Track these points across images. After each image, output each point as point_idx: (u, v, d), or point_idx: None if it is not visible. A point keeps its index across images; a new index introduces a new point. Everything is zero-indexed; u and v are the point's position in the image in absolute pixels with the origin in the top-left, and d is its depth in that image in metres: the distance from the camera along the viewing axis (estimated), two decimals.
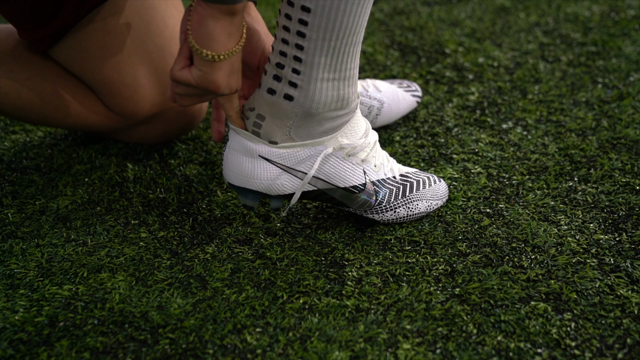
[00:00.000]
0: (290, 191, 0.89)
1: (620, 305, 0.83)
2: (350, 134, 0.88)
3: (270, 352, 0.78)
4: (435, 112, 1.19)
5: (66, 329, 0.82)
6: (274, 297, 0.85)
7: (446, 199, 0.98)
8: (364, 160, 0.90)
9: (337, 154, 0.88)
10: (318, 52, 0.80)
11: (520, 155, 1.08)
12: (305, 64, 0.81)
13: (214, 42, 0.76)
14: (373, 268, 0.89)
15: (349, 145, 0.88)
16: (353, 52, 0.82)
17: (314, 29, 0.79)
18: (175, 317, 0.83)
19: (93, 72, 0.99)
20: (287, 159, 0.87)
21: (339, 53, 0.81)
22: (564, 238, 0.92)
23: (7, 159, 1.11)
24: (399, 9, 1.56)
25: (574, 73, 1.29)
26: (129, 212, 0.99)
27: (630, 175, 1.03)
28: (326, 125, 0.86)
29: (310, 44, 0.80)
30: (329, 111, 0.84)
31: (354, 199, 0.91)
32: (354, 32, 0.80)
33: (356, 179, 0.90)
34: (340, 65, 0.82)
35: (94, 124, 1.05)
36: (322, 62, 0.81)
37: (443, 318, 0.82)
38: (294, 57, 0.81)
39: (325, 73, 0.82)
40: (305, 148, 0.87)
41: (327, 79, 0.82)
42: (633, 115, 1.16)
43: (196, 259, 0.91)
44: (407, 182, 0.94)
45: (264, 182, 0.88)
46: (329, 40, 0.79)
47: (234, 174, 0.88)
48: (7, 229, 0.97)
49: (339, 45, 0.80)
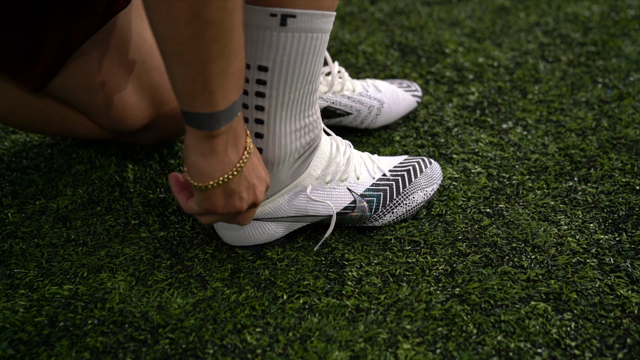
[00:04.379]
0: (285, 233, 0.91)
1: (620, 305, 0.83)
2: (319, 163, 0.88)
3: (270, 352, 0.78)
4: (435, 112, 1.19)
5: (66, 329, 0.82)
6: (274, 297, 0.85)
7: (441, 179, 0.98)
8: (344, 180, 0.90)
9: (317, 187, 0.89)
10: (279, 108, 0.81)
11: (520, 155, 1.08)
12: (268, 124, 0.82)
13: (197, 173, 0.74)
14: (373, 268, 0.89)
15: (323, 175, 0.88)
16: (312, 100, 0.83)
17: (273, 87, 0.79)
18: (175, 317, 0.83)
19: (80, 98, 0.98)
20: (272, 213, 0.89)
21: (299, 103, 0.82)
22: (564, 238, 0.92)
23: (7, 159, 1.11)
24: (399, 9, 1.56)
25: (574, 73, 1.29)
26: (129, 212, 0.99)
27: (630, 175, 1.03)
28: (295, 166, 0.87)
29: (271, 102, 0.80)
30: (298, 156, 0.86)
31: (350, 219, 0.92)
32: (312, 80, 0.81)
33: (345, 200, 0.90)
34: (302, 113, 0.83)
35: (89, 135, 1.05)
36: (284, 116, 0.82)
37: (443, 318, 0.82)
38: (255, 120, 0.82)
39: (290, 126, 0.83)
40: (285, 195, 0.88)
41: (293, 130, 0.83)
42: (633, 115, 1.16)
43: (196, 259, 0.91)
44: (399, 176, 0.94)
45: (258, 236, 0.90)
46: (288, 94, 0.80)
47: (229, 237, 0.91)
48: (7, 229, 0.97)
49: (298, 97, 0.81)
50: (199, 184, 0.74)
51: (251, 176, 0.78)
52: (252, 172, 0.78)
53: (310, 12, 0.76)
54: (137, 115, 1.00)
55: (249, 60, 0.79)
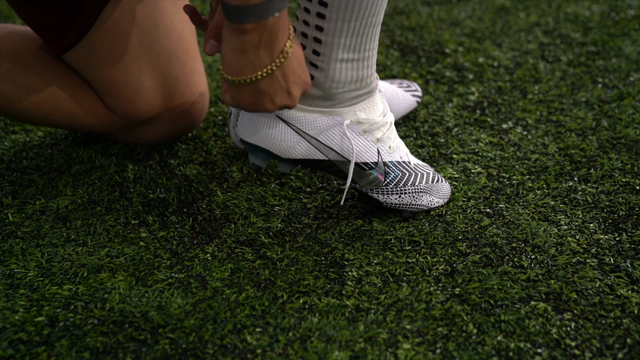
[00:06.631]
0: (300, 157, 0.89)
1: (620, 305, 0.83)
2: (368, 110, 0.88)
3: (270, 352, 0.78)
4: (435, 112, 1.19)
5: (66, 329, 0.82)
6: (274, 297, 0.85)
7: (447, 200, 0.98)
8: (379, 140, 0.90)
9: (354, 128, 0.88)
10: (337, 33, 0.80)
11: (520, 155, 1.08)
12: (325, 45, 0.81)
13: (228, 66, 0.74)
14: (373, 268, 0.89)
15: (366, 120, 0.88)
16: (372, 33, 0.82)
17: (334, 11, 0.79)
18: (175, 317, 0.83)
19: (99, 71, 0.99)
20: (305, 124, 0.87)
21: (358, 34, 0.81)
22: (564, 238, 0.92)
23: (7, 159, 1.11)
24: (399, 9, 1.56)
25: (574, 73, 1.29)
26: (129, 212, 0.99)
27: (630, 175, 1.03)
28: (345, 100, 0.86)
29: (330, 25, 0.80)
30: (349, 91, 0.85)
31: (363, 176, 0.91)
32: (374, 13, 0.80)
33: (369, 156, 0.90)
34: (359, 46, 0.82)
35: (93, 124, 1.05)
36: (342, 43, 0.81)
37: (443, 318, 0.82)
38: (314, 39, 0.82)
39: (345, 54, 0.82)
40: (323, 115, 0.87)
41: (346, 59, 0.83)
42: (633, 115, 1.16)
43: (196, 259, 0.91)
44: (419, 172, 0.94)
45: (278, 143, 0.87)
46: (348, 22, 0.79)
47: (248, 130, 0.88)
48: (7, 229, 0.97)
49: (358, 26, 0.80)
50: (228, 76, 0.75)
51: (287, 80, 0.76)
52: (289, 76, 0.76)
53: None
54: (149, 102, 1.01)
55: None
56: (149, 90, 1.01)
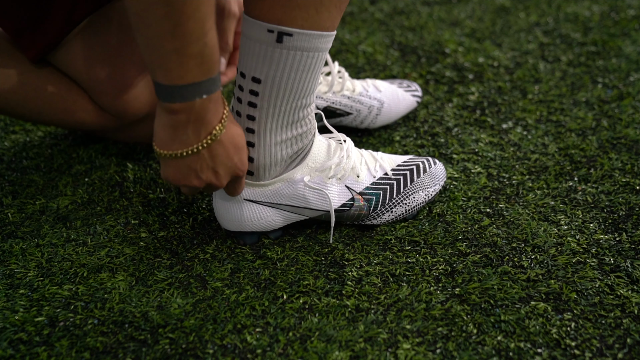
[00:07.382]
0: (283, 224, 0.91)
1: (620, 305, 0.83)
2: (315, 158, 0.89)
3: (270, 352, 0.78)
4: (435, 112, 1.19)
5: (66, 329, 0.82)
6: (274, 297, 0.85)
7: (444, 180, 0.97)
8: (340, 178, 0.90)
9: (316, 180, 0.89)
10: (269, 119, 0.82)
11: (520, 155, 1.08)
12: (259, 134, 0.83)
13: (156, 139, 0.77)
14: (373, 268, 0.89)
15: (321, 167, 0.88)
16: (305, 113, 0.84)
17: (265, 98, 0.80)
18: (175, 317, 0.83)
19: (82, 72, 0.99)
20: (272, 196, 0.88)
21: (289, 115, 0.82)
22: (564, 238, 0.92)
23: (7, 159, 1.11)
24: (399, 9, 1.56)
25: (574, 73, 1.29)
26: (129, 212, 0.99)
27: (630, 175, 1.03)
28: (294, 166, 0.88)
29: (262, 113, 0.81)
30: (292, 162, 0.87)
31: (347, 216, 0.92)
32: (304, 95, 0.82)
33: (342, 198, 0.90)
34: (292, 125, 0.83)
35: (90, 121, 1.05)
36: (273, 127, 0.82)
37: (443, 318, 0.82)
38: (246, 130, 0.83)
39: (279, 136, 0.83)
40: (283, 183, 0.88)
41: (281, 141, 0.84)
42: (633, 115, 1.16)
43: (196, 259, 0.91)
44: (401, 176, 0.94)
45: (257, 222, 0.90)
46: (279, 107, 0.81)
47: (227, 220, 0.90)
48: (7, 229, 0.97)
49: (289, 110, 0.81)
50: (155, 148, 0.77)
51: (214, 160, 0.78)
52: (216, 157, 0.78)
53: (307, 32, 0.75)
54: (137, 98, 1.01)
55: (245, 70, 0.80)
56: (135, 87, 1.00)
